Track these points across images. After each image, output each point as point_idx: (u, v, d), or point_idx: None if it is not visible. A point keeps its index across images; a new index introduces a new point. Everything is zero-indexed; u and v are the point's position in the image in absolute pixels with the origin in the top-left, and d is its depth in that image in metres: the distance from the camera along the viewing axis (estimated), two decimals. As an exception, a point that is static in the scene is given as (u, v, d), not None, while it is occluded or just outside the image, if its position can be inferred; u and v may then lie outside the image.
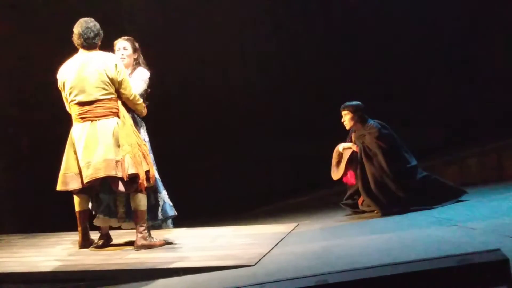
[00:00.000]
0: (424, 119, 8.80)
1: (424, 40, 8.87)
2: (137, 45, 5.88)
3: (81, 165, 5.33)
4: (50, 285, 4.89)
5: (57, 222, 5.87)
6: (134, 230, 5.51)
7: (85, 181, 5.30)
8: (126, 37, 5.89)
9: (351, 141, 6.81)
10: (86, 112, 5.37)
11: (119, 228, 6.04)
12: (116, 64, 5.41)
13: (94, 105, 5.35)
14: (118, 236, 6.05)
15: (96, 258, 5.33)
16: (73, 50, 5.47)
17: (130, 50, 5.83)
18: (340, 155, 6.75)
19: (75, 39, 5.46)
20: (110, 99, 5.39)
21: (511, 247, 3.71)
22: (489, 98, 8.75)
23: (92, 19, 5.49)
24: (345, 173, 6.70)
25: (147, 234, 5.45)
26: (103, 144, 5.27)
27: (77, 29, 5.46)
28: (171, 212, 5.75)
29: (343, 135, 6.93)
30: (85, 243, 5.62)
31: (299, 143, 8.79)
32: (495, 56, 8.82)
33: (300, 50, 8.90)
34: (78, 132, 5.39)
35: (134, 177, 5.27)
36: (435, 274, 3.39)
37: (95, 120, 5.34)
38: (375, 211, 6.51)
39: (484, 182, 7.94)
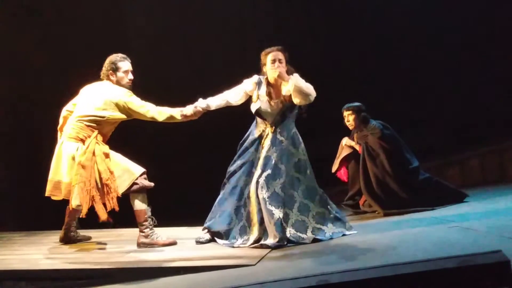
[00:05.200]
0: (425, 120, 8.79)
1: (425, 39, 8.86)
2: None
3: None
4: (51, 282, 4.89)
5: (58, 220, 5.87)
6: (136, 229, 5.53)
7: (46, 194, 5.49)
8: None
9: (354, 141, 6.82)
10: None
11: (121, 226, 6.05)
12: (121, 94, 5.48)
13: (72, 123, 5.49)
14: (120, 235, 6.06)
15: (97, 256, 5.33)
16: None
17: (284, 61, 5.51)
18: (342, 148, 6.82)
19: None
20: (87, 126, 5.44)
21: (512, 249, 3.70)
22: (490, 99, 8.73)
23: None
24: (339, 168, 6.80)
25: (148, 233, 5.46)
26: (60, 164, 5.43)
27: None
28: None
29: (343, 136, 6.92)
30: (66, 238, 5.80)
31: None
32: (497, 57, 8.80)
33: (301, 50, 8.88)
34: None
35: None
36: (436, 275, 3.39)
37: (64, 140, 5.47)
38: (376, 212, 6.52)
39: (485, 183, 7.93)
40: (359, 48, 8.87)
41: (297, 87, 5.27)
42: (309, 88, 5.32)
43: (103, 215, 5.21)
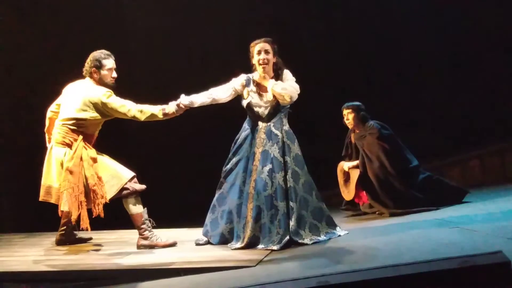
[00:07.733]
0: (426, 121, 8.77)
1: (426, 39, 8.84)
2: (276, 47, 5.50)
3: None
4: (51, 284, 4.89)
5: (58, 221, 5.87)
6: (135, 230, 5.52)
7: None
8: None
9: (350, 142, 6.78)
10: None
11: (121, 228, 6.05)
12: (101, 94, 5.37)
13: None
14: (119, 236, 6.05)
15: (97, 258, 5.34)
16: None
17: (271, 52, 5.44)
18: (345, 173, 6.71)
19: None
20: (72, 130, 5.38)
21: (513, 250, 3.70)
22: (492, 100, 8.72)
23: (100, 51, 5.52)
24: (356, 195, 6.62)
25: (148, 235, 5.45)
26: (51, 170, 5.44)
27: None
28: None
29: (342, 136, 6.90)
30: (61, 240, 5.81)
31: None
32: (497, 57, 8.78)
33: (300, 50, 8.88)
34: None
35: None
36: (437, 276, 3.38)
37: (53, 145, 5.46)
38: (377, 212, 6.50)
39: (487, 184, 7.92)
40: (358, 48, 8.85)
41: (273, 91, 5.32)
42: (286, 90, 5.31)
43: (84, 223, 5.20)
